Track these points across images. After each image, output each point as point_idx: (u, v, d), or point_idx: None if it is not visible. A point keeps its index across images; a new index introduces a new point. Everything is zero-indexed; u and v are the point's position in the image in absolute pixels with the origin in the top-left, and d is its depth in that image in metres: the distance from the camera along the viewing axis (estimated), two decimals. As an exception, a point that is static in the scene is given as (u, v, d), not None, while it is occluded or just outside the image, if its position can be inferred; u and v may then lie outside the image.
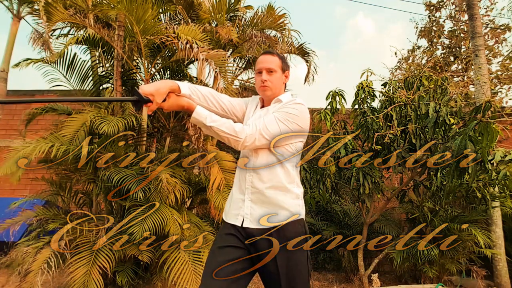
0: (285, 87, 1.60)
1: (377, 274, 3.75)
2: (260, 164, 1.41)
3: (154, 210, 3.10)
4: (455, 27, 9.09)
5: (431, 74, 3.56)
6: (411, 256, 3.76)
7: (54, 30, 4.23)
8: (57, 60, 4.07)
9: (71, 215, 3.59)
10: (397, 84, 3.66)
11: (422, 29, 9.51)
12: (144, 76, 3.98)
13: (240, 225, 1.39)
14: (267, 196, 1.38)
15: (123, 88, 4.13)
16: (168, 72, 4.49)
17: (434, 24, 9.35)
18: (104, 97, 4.34)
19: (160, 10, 4.33)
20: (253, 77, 5.48)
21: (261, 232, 1.36)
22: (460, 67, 9.04)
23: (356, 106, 3.78)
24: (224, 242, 1.40)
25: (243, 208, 1.41)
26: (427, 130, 3.27)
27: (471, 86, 6.26)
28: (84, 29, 4.08)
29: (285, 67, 1.55)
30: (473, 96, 4.75)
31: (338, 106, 3.95)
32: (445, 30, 9.31)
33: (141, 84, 4.33)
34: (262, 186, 1.39)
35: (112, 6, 3.48)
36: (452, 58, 9.02)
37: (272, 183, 1.38)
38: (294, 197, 1.42)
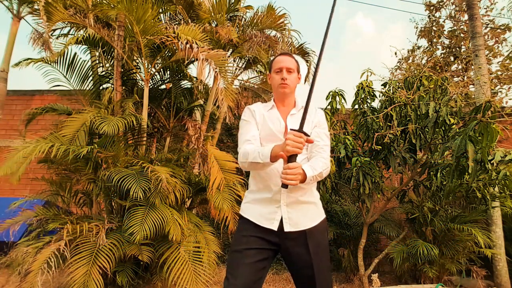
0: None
1: (377, 274, 3.75)
2: None
3: (154, 210, 3.11)
4: (455, 27, 9.09)
5: (431, 74, 3.56)
6: (411, 256, 3.76)
7: (54, 30, 4.23)
8: (57, 60, 4.06)
9: (71, 215, 3.59)
10: (397, 84, 3.66)
11: (422, 29, 9.52)
12: (144, 76, 3.97)
13: (276, 229, 1.46)
14: (302, 201, 1.51)
15: (123, 88, 4.13)
16: (168, 72, 4.49)
17: (434, 24, 9.36)
18: None
19: (160, 10, 4.33)
20: (253, 77, 5.48)
21: (301, 232, 1.48)
22: (460, 67, 9.04)
23: (356, 106, 3.78)
24: (251, 245, 1.46)
25: (279, 213, 1.48)
26: (427, 130, 3.27)
27: (471, 86, 6.26)
28: (84, 29, 4.08)
29: (299, 70, 1.67)
30: (473, 96, 4.75)
31: (338, 106, 3.95)
32: (445, 30, 9.32)
33: (141, 84, 4.33)
34: (297, 192, 1.49)
35: (112, 6, 3.47)
36: (452, 58, 9.03)
37: (303, 187, 1.49)
38: (316, 194, 1.62)
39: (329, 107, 4.01)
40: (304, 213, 1.51)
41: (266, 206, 1.50)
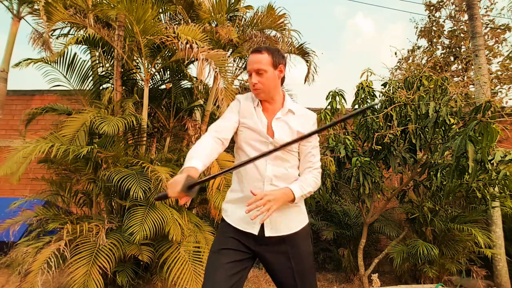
0: (282, 80, 1.52)
1: (377, 274, 3.75)
2: (278, 172, 1.43)
3: (154, 210, 3.11)
4: (455, 27, 9.09)
5: (431, 74, 3.56)
6: (411, 256, 3.76)
7: (54, 30, 4.23)
8: (57, 60, 4.06)
9: (71, 215, 3.59)
10: (397, 84, 3.66)
11: (422, 29, 9.52)
12: (144, 76, 3.97)
13: (257, 233, 1.39)
14: (287, 205, 1.39)
15: (123, 88, 4.13)
16: (168, 72, 4.49)
17: (434, 24, 9.36)
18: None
19: (160, 10, 4.33)
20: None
21: (281, 239, 1.41)
22: (460, 67, 9.04)
23: (356, 106, 3.78)
24: (227, 245, 1.39)
25: (260, 216, 1.37)
26: (427, 130, 3.27)
27: (471, 86, 6.26)
28: (84, 29, 4.08)
29: (277, 62, 1.44)
30: (473, 96, 4.75)
31: (338, 106, 3.95)
32: (445, 30, 9.32)
33: (141, 84, 4.33)
34: None
35: (112, 6, 3.47)
36: (452, 58, 9.03)
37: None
38: (302, 200, 1.49)
39: (329, 107, 4.01)
40: (287, 216, 1.43)
41: (244, 207, 1.40)
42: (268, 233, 1.39)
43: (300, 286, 1.39)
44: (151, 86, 4.32)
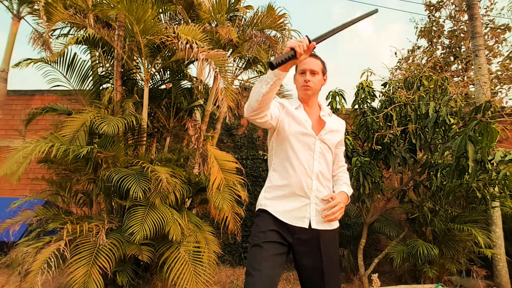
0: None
1: (377, 274, 3.75)
2: (322, 169, 1.56)
3: (154, 210, 3.11)
4: (455, 27, 9.09)
5: (431, 74, 3.56)
6: (411, 256, 3.76)
7: (54, 30, 4.22)
8: (57, 60, 4.07)
9: (71, 215, 3.59)
10: (397, 84, 3.66)
11: (422, 29, 9.52)
12: (144, 76, 3.97)
13: (307, 227, 1.48)
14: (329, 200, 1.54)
15: (123, 88, 4.13)
16: (168, 72, 4.49)
17: (434, 24, 9.35)
18: None
19: (160, 10, 4.33)
20: (253, 77, 5.48)
21: (316, 235, 1.50)
22: (460, 67, 9.04)
23: (356, 106, 3.78)
24: (270, 238, 1.47)
25: (309, 211, 1.50)
26: (427, 130, 3.27)
27: (471, 86, 6.26)
28: (84, 29, 4.08)
29: (325, 71, 1.67)
30: (473, 96, 4.75)
31: (338, 106, 3.95)
32: (445, 30, 9.32)
33: (141, 84, 4.33)
34: (325, 191, 1.55)
35: (112, 6, 3.47)
36: (452, 58, 9.03)
37: (330, 187, 1.60)
38: None
39: (329, 107, 4.01)
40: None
41: (294, 203, 1.51)
42: (314, 225, 1.49)
43: (326, 282, 1.47)
44: (151, 86, 4.32)
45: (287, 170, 1.53)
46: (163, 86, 4.64)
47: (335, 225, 1.58)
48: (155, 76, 4.43)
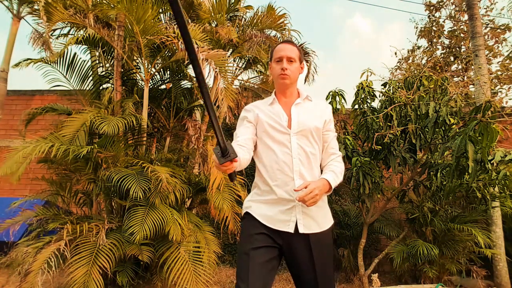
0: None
1: (377, 274, 3.75)
2: (305, 165, 1.45)
3: (154, 210, 3.11)
4: (455, 27, 9.09)
5: (431, 74, 3.56)
6: (411, 256, 3.76)
7: (54, 30, 4.23)
8: (57, 60, 4.07)
9: (71, 215, 3.59)
10: (397, 84, 3.66)
11: (422, 29, 9.52)
12: (144, 76, 3.97)
13: (293, 231, 1.40)
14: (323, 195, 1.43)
15: (123, 88, 4.13)
16: (168, 72, 4.49)
17: (434, 24, 9.36)
18: None
19: (160, 10, 4.33)
20: (253, 77, 5.48)
21: (307, 236, 1.42)
22: (460, 67, 9.04)
23: (356, 106, 3.78)
24: (258, 243, 1.40)
25: (294, 214, 1.41)
26: (427, 130, 3.26)
27: (471, 86, 6.26)
28: (84, 29, 4.08)
29: (302, 59, 1.56)
30: (473, 96, 4.75)
31: (338, 106, 3.95)
32: (445, 30, 9.32)
33: (141, 84, 4.33)
34: None
35: (112, 6, 3.48)
36: (452, 58, 9.03)
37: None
38: (325, 197, 1.53)
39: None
40: (318, 214, 1.46)
41: (278, 206, 1.42)
42: (301, 229, 1.41)
43: (320, 283, 1.41)
44: (151, 86, 4.32)
45: (268, 173, 1.45)
46: (163, 86, 4.64)
47: (326, 226, 1.48)
48: (155, 76, 4.44)
